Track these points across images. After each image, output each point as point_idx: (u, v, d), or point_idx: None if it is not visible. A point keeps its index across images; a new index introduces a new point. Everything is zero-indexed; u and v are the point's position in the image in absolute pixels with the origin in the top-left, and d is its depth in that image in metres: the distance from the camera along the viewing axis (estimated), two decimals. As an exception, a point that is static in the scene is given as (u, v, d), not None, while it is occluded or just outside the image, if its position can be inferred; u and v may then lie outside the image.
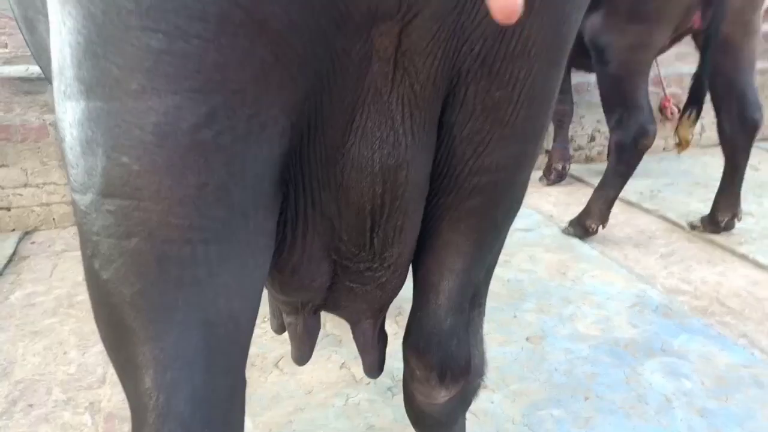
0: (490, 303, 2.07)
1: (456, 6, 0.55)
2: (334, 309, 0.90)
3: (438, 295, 0.80)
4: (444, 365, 0.85)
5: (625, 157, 2.37)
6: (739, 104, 2.34)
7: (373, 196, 0.66)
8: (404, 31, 0.56)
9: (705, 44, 2.17)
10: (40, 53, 0.95)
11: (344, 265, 0.75)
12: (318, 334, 1.06)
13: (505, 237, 0.87)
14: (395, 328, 1.85)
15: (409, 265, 0.81)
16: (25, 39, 1.00)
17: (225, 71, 0.48)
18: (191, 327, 0.55)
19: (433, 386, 0.87)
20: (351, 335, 1.03)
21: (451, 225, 0.76)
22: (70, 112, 0.53)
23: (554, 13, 0.60)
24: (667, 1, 2.08)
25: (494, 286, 2.17)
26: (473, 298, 0.89)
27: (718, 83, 2.33)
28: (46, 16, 0.79)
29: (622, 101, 2.32)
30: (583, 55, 2.26)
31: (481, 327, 0.98)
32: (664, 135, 3.85)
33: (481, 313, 0.96)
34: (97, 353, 1.85)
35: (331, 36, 0.53)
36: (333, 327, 1.94)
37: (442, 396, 0.89)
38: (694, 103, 2.28)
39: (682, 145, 2.31)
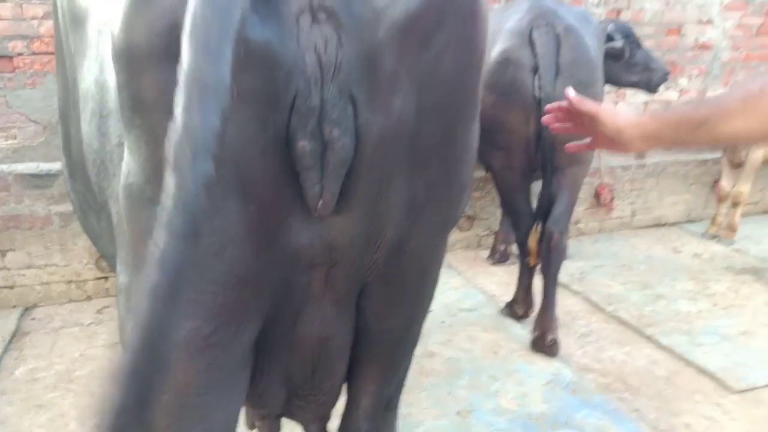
0: (431, 380, 2.48)
1: (361, 257, 0.97)
2: (289, 417, 1.30)
3: (358, 409, 1.21)
4: None
5: (523, 253, 2.81)
6: (547, 222, 2.64)
7: (312, 355, 1.06)
8: (330, 269, 0.97)
9: (543, 168, 2.59)
10: (88, 228, 1.36)
11: (295, 392, 1.14)
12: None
13: (408, 365, 1.27)
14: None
15: (340, 390, 1.21)
16: (79, 220, 1.41)
17: (225, 308, 0.89)
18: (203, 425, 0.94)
19: None
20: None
21: (366, 362, 1.17)
22: (129, 320, 0.93)
23: (418, 254, 1.03)
24: (509, 134, 2.55)
25: (436, 364, 2.59)
26: (388, 404, 1.30)
27: (544, 195, 2.67)
28: (95, 211, 1.20)
29: (510, 209, 2.84)
30: None
31: (395, 422, 1.37)
32: (599, 218, 4.35)
33: (395, 414, 1.36)
34: (95, 425, 2.18)
35: (286, 278, 0.94)
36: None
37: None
38: (541, 217, 2.66)
39: (532, 255, 2.70)
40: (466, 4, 0.87)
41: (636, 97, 4.72)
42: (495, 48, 2.50)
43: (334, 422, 1.34)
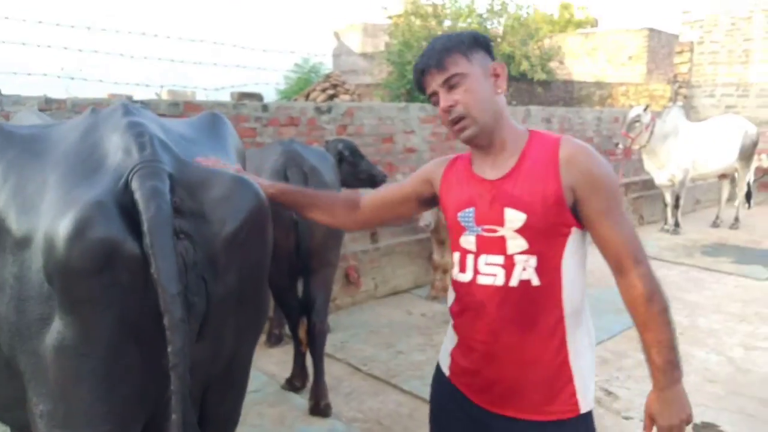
0: (233, 456, 2.96)
1: (207, 369, 1.56)
2: None
3: None
4: None
5: (295, 338, 3.56)
6: (310, 314, 3.42)
7: None
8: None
9: (302, 272, 3.36)
10: None
11: None
12: None
13: None
14: None
15: None
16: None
17: (127, 415, 1.42)
18: None
19: None
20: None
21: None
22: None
23: (240, 362, 1.66)
24: (275, 247, 3.15)
25: (235, 442, 3.08)
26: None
27: (305, 294, 3.44)
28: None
29: (281, 304, 3.61)
30: None
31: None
32: (351, 294, 5.32)
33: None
34: None
35: (164, 387, 1.48)
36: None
37: None
38: (305, 311, 3.41)
39: (303, 343, 3.47)
40: (261, 224, 1.59)
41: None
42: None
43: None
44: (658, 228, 8.38)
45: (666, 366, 1.43)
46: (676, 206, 8.08)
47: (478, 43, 1.54)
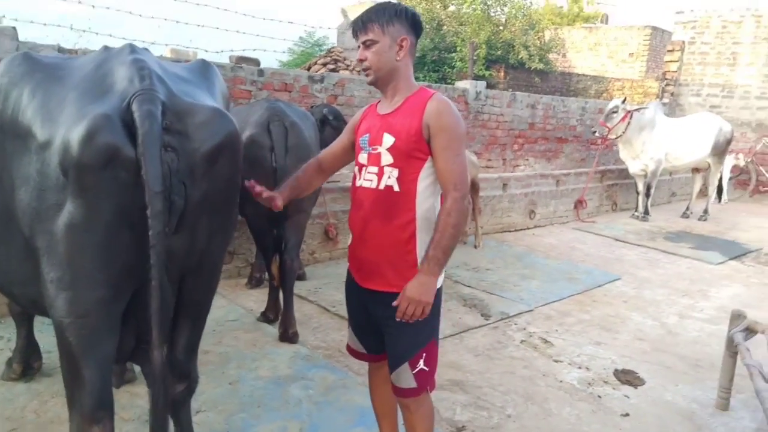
0: (209, 367, 3.49)
1: (184, 258, 2.00)
2: (132, 360, 2.21)
3: (177, 347, 2.18)
4: (183, 377, 2.23)
5: (270, 275, 4.02)
6: (283, 253, 3.87)
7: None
8: (169, 265, 1.98)
9: (277, 216, 3.67)
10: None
11: (140, 341, 2.07)
12: (122, 372, 2.33)
13: (204, 323, 2.29)
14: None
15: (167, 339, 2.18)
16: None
17: (118, 284, 1.85)
18: (102, 349, 1.87)
19: (175, 386, 2.22)
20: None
21: (183, 319, 2.17)
22: (62, 294, 1.82)
23: (212, 257, 2.11)
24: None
25: (211, 357, 3.59)
26: (193, 347, 2.29)
27: (279, 235, 3.89)
28: (6, 242, 2.03)
29: (259, 244, 4.13)
30: None
31: (196, 358, 2.35)
32: (329, 249, 5.77)
33: (196, 354, 2.35)
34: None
35: (148, 269, 1.92)
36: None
37: (179, 389, 2.25)
38: (278, 250, 3.88)
39: (275, 278, 3.93)
40: (232, 147, 2.00)
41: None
42: (245, 134, 3.66)
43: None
44: (630, 215, 8.84)
45: (431, 259, 1.96)
46: (647, 195, 8.53)
47: (399, 16, 2.04)
